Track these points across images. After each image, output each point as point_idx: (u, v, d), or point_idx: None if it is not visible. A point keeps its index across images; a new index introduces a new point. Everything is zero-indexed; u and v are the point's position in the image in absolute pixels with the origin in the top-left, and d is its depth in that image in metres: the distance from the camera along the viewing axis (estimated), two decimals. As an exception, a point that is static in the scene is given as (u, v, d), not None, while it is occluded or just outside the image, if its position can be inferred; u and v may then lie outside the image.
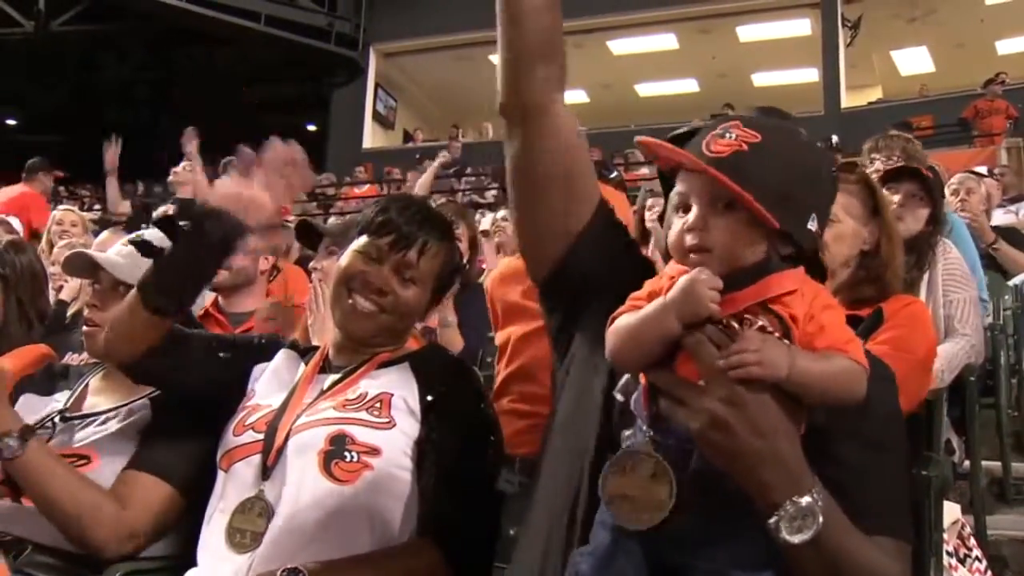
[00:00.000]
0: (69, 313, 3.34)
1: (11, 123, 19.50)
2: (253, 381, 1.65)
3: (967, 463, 2.87)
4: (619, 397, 1.09)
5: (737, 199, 1.00)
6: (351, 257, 1.61)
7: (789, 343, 0.99)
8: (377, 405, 1.51)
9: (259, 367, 1.67)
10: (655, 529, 1.00)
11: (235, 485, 1.50)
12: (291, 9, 15.22)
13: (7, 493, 1.65)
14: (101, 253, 1.93)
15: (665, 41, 15.51)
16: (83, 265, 1.89)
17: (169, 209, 4.71)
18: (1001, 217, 5.13)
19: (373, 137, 16.33)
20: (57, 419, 1.75)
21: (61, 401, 1.81)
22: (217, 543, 1.46)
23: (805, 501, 0.96)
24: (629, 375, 1.08)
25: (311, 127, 17.70)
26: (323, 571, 1.36)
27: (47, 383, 1.89)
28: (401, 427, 1.49)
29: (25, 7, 14.78)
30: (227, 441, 1.55)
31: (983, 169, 5.92)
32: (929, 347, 1.94)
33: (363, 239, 1.61)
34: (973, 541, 2.25)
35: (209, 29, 15.01)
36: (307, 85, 17.10)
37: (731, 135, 1.04)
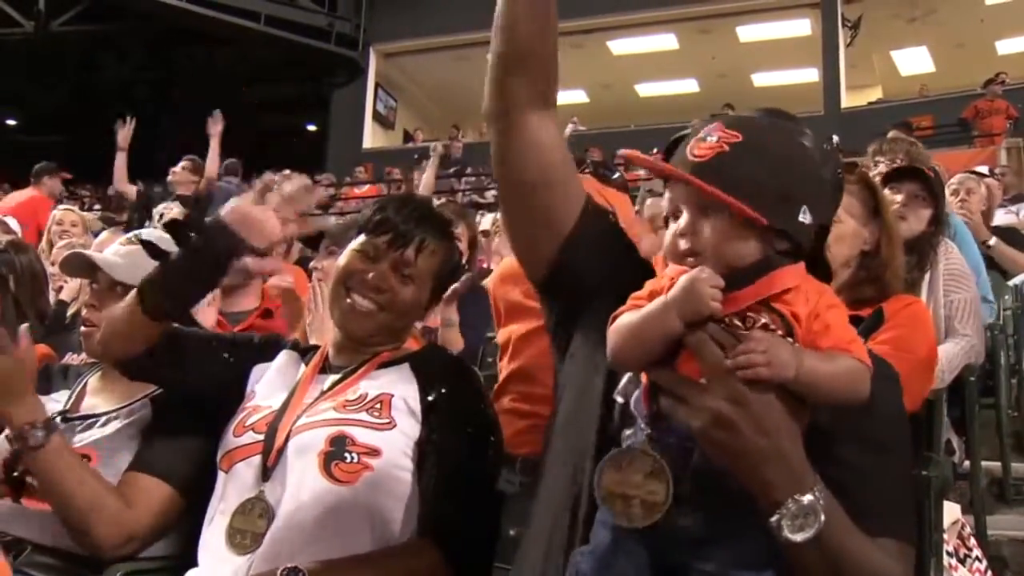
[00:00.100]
0: (69, 313, 3.33)
1: (11, 123, 19.51)
2: (253, 382, 1.65)
3: (967, 463, 2.87)
4: (619, 399, 1.09)
5: (719, 201, 1.00)
6: (349, 256, 1.61)
7: (793, 342, 0.99)
8: (377, 406, 1.51)
9: (259, 367, 1.67)
10: (655, 528, 1.00)
11: (235, 486, 1.50)
12: (291, 9, 15.23)
13: (7, 493, 1.65)
14: (99, 253, 1.93)
15: (665, 41, 15.52)
16: (81, 265, 1.89)
17: (174, 210, 4.72)
18: (1002, 217, 5.12)
19: (373, 137, 16.34)
20: (57, 419, 1.75)
21: (60, 401, 1.81)
22: (217, 544, 1.46)
23: (807, 499, 0.96)
24: (629, 376, 1.08)
25: (311, 127, 17.71)
26: (323, 571, 1.36)
27: (47, 383, 1.89)
28: (401, 428, 1.49)
29: (25, 7, 14.79)
30: (227, 442, 1.55)
31: (984, 169, 5.91)
32: (930, 347, 1.94)
33: (361, 238, 1.61)
34: (973, 541, 2.25)
35: (209, 29, 15.02)
36: (307, 85, 17.11)
37: (713, 138, 1.05)
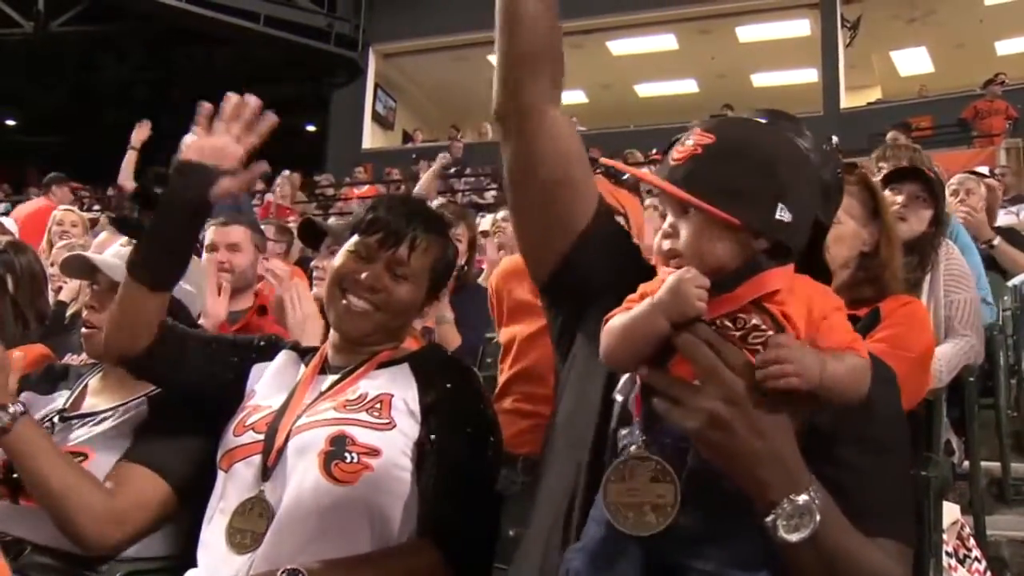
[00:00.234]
0: (68, 314, 3.33)
1: (10, 123, 19.50)
2: (253, 381, 1.65)
3: (966, 464, 2.87)
4: (618, 398, 1.09)
5: (687, 204, 1.03)
6: (343, 257, 1.61)
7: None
8: (377, 406, 1.51)
9: (258, 367, 1.67)
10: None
11: (235, 485, 1.50)
12: (290, 9, 15.24)
13: (6, 494, 1.65)
14: (98, 255, 1.93)
15: (664, 41, 15.52)
16: (81, 267, 1.89)
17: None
18: (1002, 218, 5.11)
19: (373, 138, 16.35)
20: (56, 419, 1.75)
21: (60, 401, 1.81)
22: (217, 543, 1.46)
23: (802, 499, 0.96)
24: (628, 376, 1.08)
25: (311, 128, 17.71)
26: (323, 571, 1.36)
27: (47, 383, 1.89)
28: (401, 428, 1.49)
29: (24, 7, 14.79)
30: (227, 441, 1.55)
31: (984, 169, 5.90)
32: (926, 345, 1.94)
33: (354, 239, 1.61)
34: (972, 542, 2.25)
35: (208, 29, 15.02)
36: (307, 85, 17.10)
37: (689, 141, 1.07)
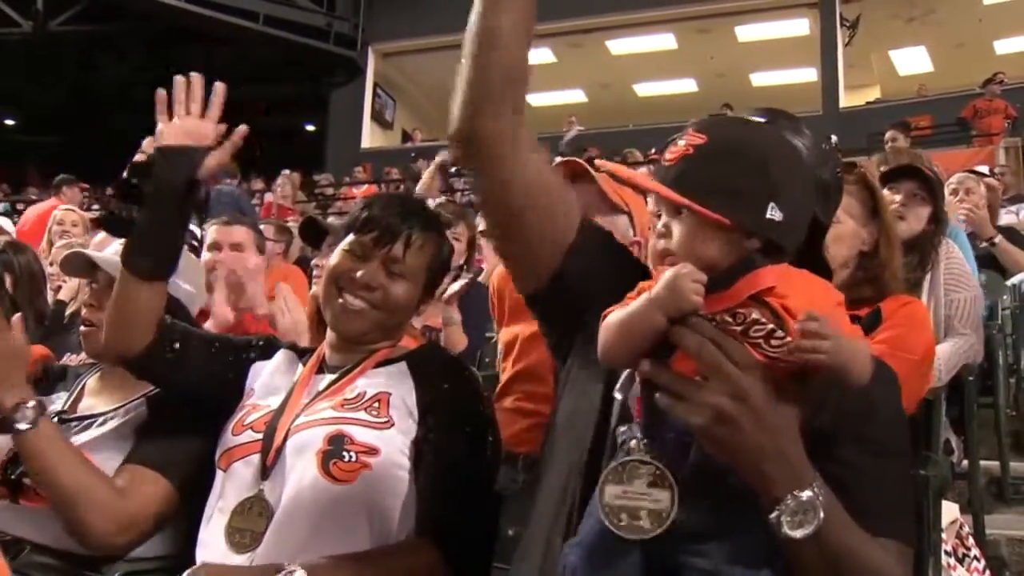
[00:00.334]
0: (67, 313, 3.33)
1: (9, 123, 19.50)
2: (251, 381, 1.65)
3: (965, 463, 2.87)
4: (618, 396, 1.09)
5: (679, 204, 1.04)
6: (338, 257, 1.61)
7: (784, 335, 0.99)
8: (375, 405, 1.51)
9: (257, 366, 1.67)
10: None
11: (234, 485, 1.50)
12: (289, 9, 15.23)
13: (5, 494, 1.65)
14: (98, 253, 1.93)
15: (664, 41, 15.52)
16: (81, 265, 1.89)
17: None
18: (1002, 217, 5.11)
19: (372, 137, 16.34)
20: (54, 420, 1.74)
21: (58, 402, 1.80)
22: (216, 543, 1.46)
23: (806, 495, 0.96)
24: (627, 373, 1.08)
25: (310, 127, 17.71)
26: (322, 570, 1.36)
27: (45, 384, 1.88)
28: (399, 427, 1.49)
29: (23, 7, 14.79)
30: (226, 440, 1.55)
31: (984, 168, 5.90)
32: (927, 347, 1.94)
33: (349, 237, 1.61)
34: (971, 540, 2.25)
35: (207, 29, 15.01)
36: (306, 85, 17.10)
37: (681, 141, 1.09)
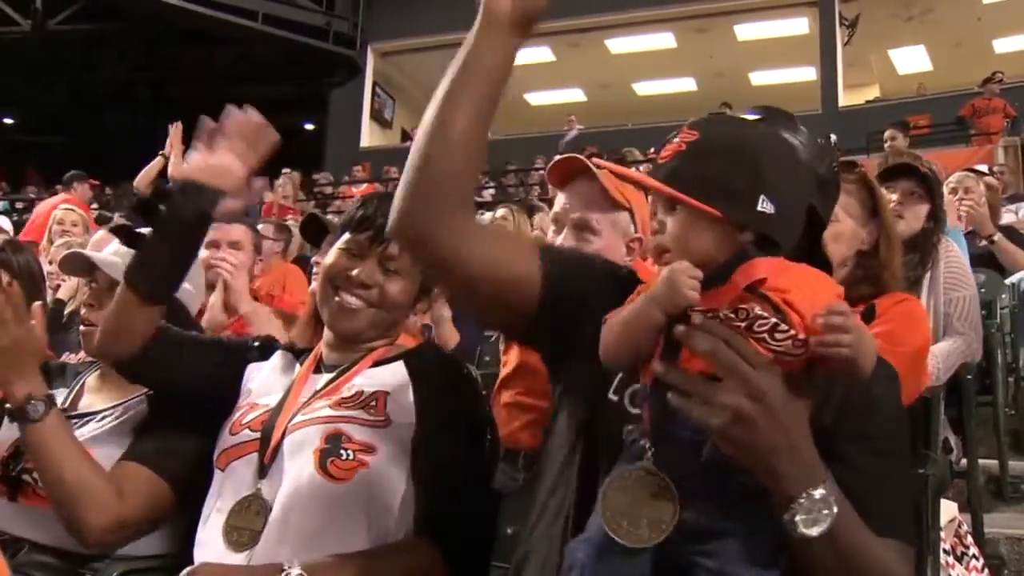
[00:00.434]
0: (66, 312, 3.33)
1: (8, 122, 19.49)
2: (248, 381, 1.65)
3: (964, 461, 2.87)
4: (613, 398, 1.10)
5: (673, 199, 1.07)
6: (334, 255, 1.61)
7: (787, 328, 0.99)
8: (373, 403, 1.51)
9: (254, 366, 1.67)
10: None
11: (232, 484, 1.49)
12: (289, 8, 15.23)
13: (4, 492, 1.65)
14: (97, 253, 1.93)
15: (663, 40, 15.52)
16: (80, 265, 1.89)
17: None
18: (1002, 216, 5.12)
19: (371, 136, 16.35)
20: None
21: (58, 401, 1.80)
22: (214, 542, 1.45)
23: (819, 493, 0.97)
24: (620, 376, 1.09)
25: (309, 126, 17.70)
26: (320, 569, 1.36)
27: (43, 380, 1.88)
28: (396, 425, 1.49)
29: (22, 6, 14.78)
30: (224, 440, 1.55)
31: (984, 167, 5.90)
32: (921, 342, 1.93)
33: (345, 236, 1.61)
34: (970, 539, 2.25)
35: (207, 28, 15.02)
36: (305, 84, 17.11)
37: (676, 138, 1.11)
